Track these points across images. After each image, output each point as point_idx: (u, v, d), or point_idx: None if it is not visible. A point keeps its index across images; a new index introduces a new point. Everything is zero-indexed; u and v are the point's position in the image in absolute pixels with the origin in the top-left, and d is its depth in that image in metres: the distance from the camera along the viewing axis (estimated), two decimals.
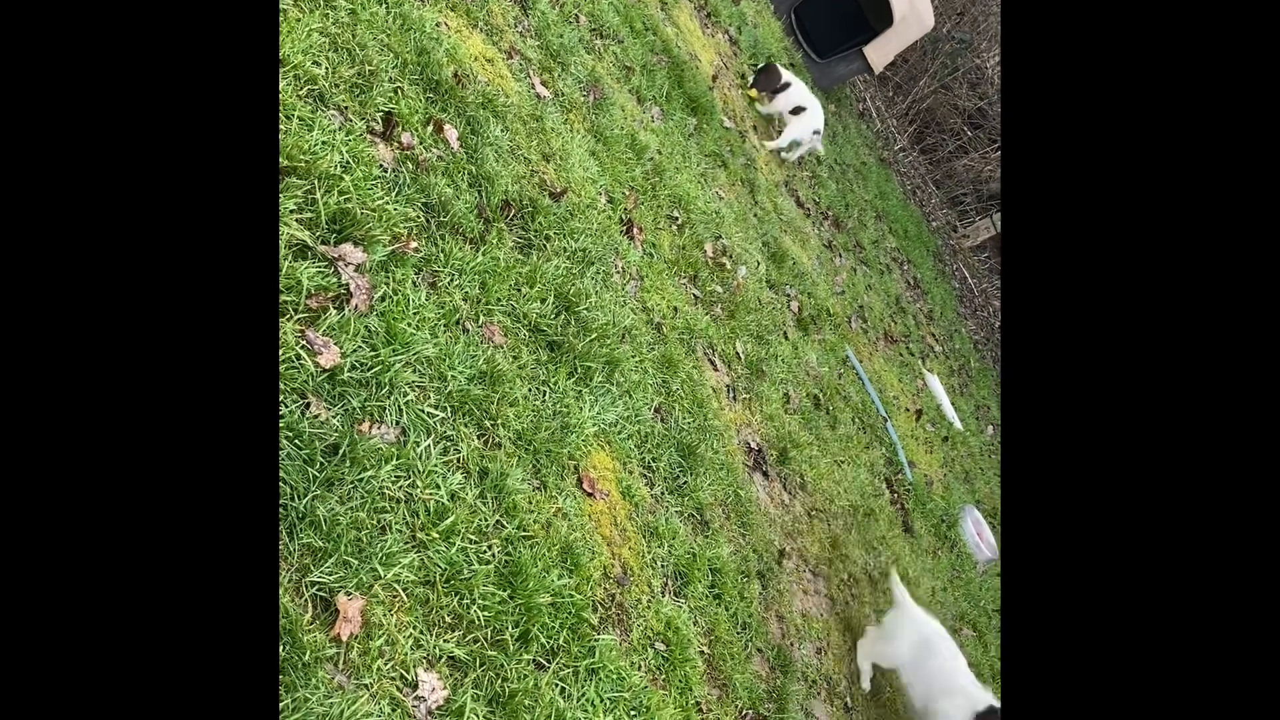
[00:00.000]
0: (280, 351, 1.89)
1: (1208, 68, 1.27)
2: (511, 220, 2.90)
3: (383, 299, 2.20)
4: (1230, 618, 1.20)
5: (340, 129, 2.36)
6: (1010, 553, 1.32)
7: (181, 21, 1.17)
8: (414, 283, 2.33)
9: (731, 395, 3.73)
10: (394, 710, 1.76)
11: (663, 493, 2.92)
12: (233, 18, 1.20)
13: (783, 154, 6.17)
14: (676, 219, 4.06)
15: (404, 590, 1.90)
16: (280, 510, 1.76)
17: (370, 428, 2.02)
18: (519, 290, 2.72)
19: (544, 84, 3.59)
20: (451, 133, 2.79)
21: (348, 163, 2.29)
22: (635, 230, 3.63)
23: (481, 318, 2.52)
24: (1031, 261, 1.34)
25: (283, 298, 1.97)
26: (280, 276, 1.98)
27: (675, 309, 3.61)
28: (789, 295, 4.90)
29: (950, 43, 10.39)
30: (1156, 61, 1.30)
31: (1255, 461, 1.20)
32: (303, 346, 1.94)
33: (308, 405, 1.91)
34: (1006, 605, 1.34)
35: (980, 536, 5.34)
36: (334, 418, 1.95)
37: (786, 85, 6.08)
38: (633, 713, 2.25)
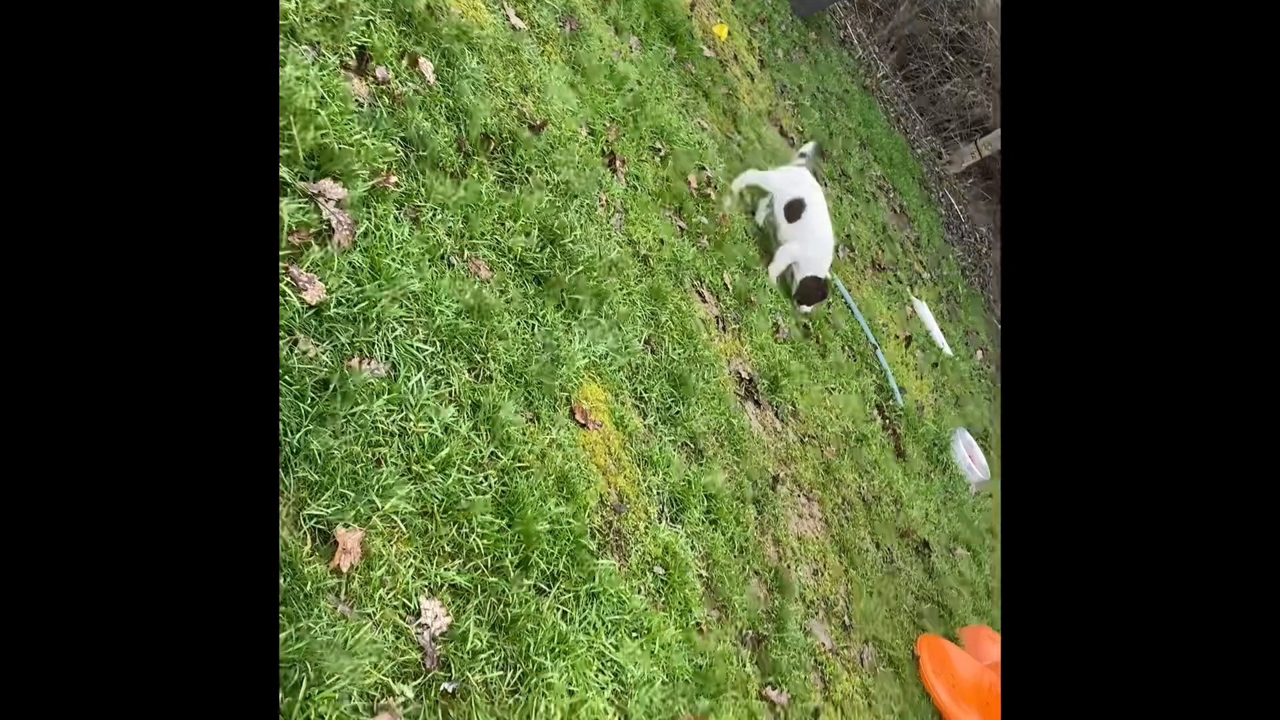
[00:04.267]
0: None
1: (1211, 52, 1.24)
2: (492, 154, 2.86)
3: (365, 235, 2.18)
4: (1225, 575, 1.18)
5: (313, 64, 2.32)
6: (1010, 478, 1.30)
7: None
8: (396, 218, 2.30)
9: (721, 326, 3.73)
10: (398, 637, 1.78)
11: (656, 423, 2.93)
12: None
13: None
14: (659, 150, 4.02)
15: (402, 521, 1.91)
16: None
17: (360, 363, 2.01)
18: (503, 224, 2.70)
19: (519, 15, 3.52)
20: (427, 66, 2.74)
21: (323, 98, 2.25)
22: (618, 162, 3.59)
23: (466, 252, 2.51)
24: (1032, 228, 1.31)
25: None
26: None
27: (661, 241, 3.58)
28: None
29: None
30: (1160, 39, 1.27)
31: (1248, 410, 1.18)
32: (287, 283, 1.93)
33: (295, 341, 1.90)
34: (1006, 532, 1.32)
35: (972, 459, 5.39)
36: (323, 354, 1.94)
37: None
38: (634, 634, 2.29)
